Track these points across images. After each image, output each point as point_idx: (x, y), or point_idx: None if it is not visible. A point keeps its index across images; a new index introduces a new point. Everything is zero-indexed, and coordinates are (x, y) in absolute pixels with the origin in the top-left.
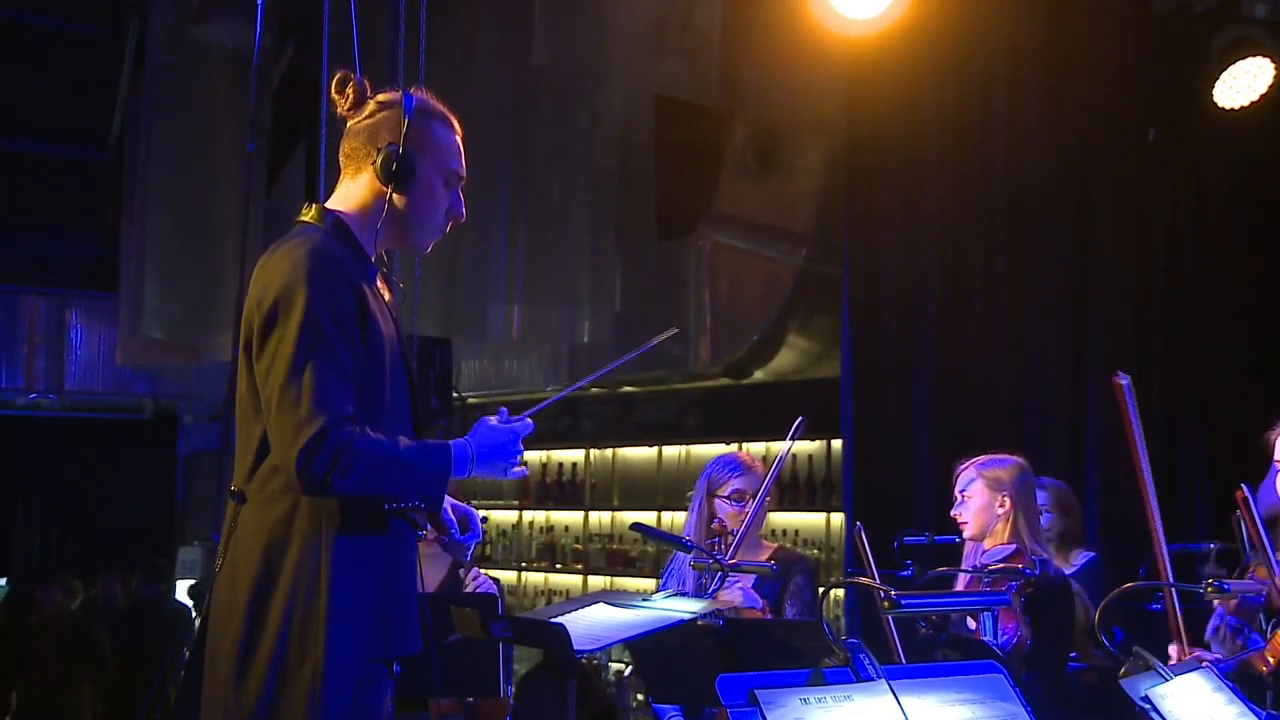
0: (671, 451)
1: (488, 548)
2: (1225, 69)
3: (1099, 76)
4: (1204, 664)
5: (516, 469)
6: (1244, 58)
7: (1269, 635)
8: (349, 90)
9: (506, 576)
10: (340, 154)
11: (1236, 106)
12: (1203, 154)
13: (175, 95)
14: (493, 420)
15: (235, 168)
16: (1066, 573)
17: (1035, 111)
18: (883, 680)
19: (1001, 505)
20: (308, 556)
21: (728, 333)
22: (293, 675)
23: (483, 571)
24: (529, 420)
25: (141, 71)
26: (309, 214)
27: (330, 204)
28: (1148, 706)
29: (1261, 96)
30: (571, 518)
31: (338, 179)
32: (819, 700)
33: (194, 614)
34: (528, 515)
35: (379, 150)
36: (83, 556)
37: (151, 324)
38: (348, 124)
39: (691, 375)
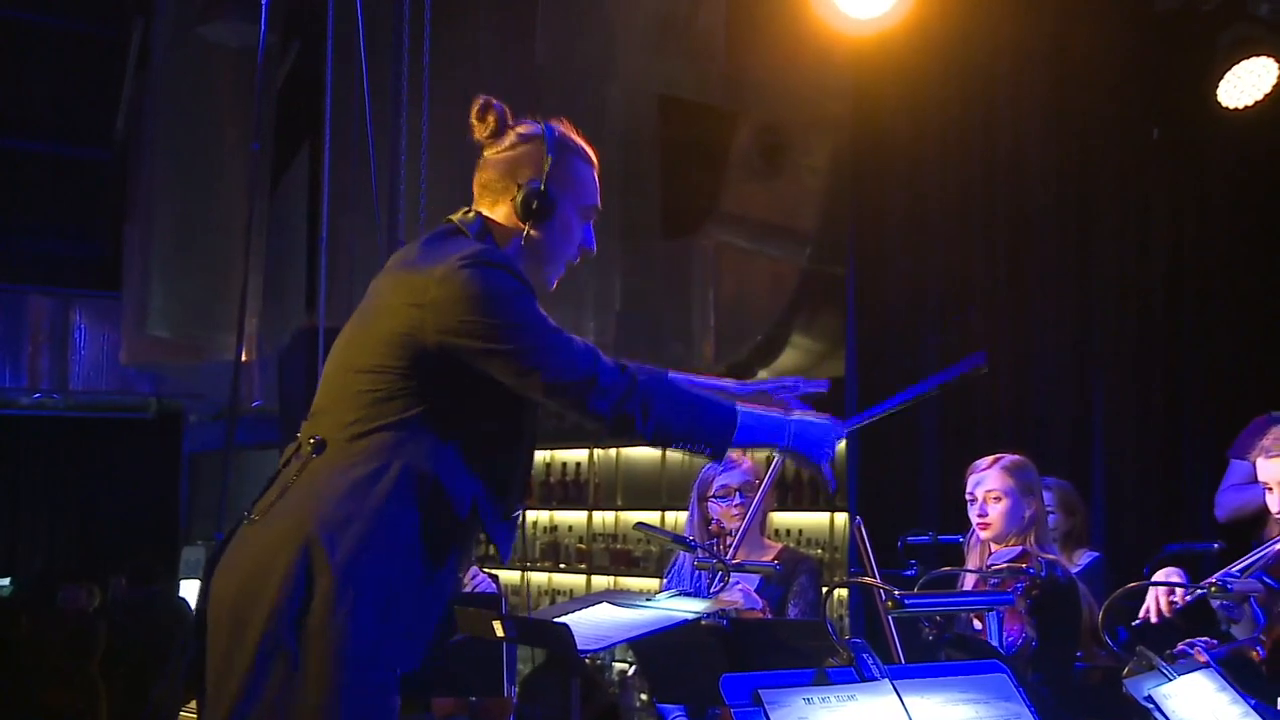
0: (675, 451)
1: (490, 546)
2: (1229, 68)
3: (1103, 75)
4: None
5: (829, 464)
6: (1248, 57)
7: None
8: (489, 118)
9: (510, 576)
10: (475, 183)
11: (1240, 106)
12: (1206, 153)
13: (180, 94)
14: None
15: (239, 167)
16: (1071, 573)
17: (1039, 110)
18: (886, 680)
19: (1030, 508)
20: (366, 536)
21: (732, 332)
22: (313, 677)
23: (482, 570)
24: (843, 429)
25: (146, 71)
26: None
27: None
28: (1151, 706)
29: (1266, 96)
30: (575, 517)
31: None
32: (823, 700)
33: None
34: (531, 515)
35: (519, 186)
36: (86, 556)
37: (156, 323)
38: (484, 152)
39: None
